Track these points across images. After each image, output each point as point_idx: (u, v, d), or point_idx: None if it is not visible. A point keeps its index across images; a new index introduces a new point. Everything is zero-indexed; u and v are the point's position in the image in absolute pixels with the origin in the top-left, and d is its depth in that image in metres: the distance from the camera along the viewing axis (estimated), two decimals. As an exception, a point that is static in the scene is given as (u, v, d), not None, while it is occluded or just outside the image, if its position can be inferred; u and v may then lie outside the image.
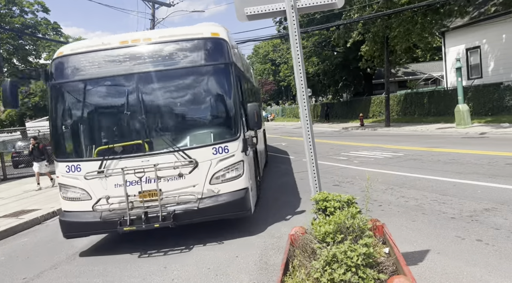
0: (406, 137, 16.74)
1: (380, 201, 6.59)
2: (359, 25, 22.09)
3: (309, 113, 3.52)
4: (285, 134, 26.93)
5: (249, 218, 6.49)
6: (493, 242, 4.38)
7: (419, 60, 45.02)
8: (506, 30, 20.57)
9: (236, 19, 3.36)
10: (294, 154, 14.41)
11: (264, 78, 73.94)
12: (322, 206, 2.90)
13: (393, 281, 1.92)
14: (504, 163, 8.65)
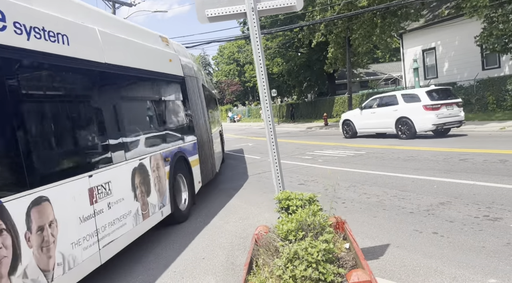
0: (368, 136, 17.25)
1: (344, 198, 6.77)
2: (322, 27, 22.56)
3: (271, 114, 3.57)
4: (251, 134, 27.04)
5: (214, 220, 6.48)
6: (448, 234, 4.62)
7: (379, 61, 46.59)
8: (459, 32, 21.69)
9: (197, 21, 3.36)
10: (260, 154, 14.51)
11: (229, 79, 73.85)
12: (285, 205, 2.96)
13: (352, 274, 1.99)
14: (458, 159, 9.12)
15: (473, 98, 19.57)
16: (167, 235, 5.98)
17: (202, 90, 8.90)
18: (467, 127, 15.45)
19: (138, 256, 5.20)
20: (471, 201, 5.76)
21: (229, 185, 9.41)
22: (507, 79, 17.80)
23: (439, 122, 13.34)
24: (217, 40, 32.85)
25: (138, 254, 5.26)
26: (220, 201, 7.88)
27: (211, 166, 8.60)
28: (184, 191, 6.95)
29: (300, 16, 28.05)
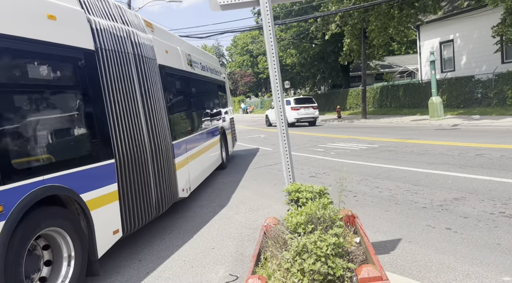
0: (382, 129, 17.05)
1: (355, 192, 6.70)
2: (337, 18, 22.22)
3: (283, 105, 3.51)
4: (263, 126, 26.97)
5: (224, 210, 6.50)
6: (461, 230, 4.52)
7: (394, 53, 45.79)
8: (478, 24, 21.12)
9: (209, 8, 3.31)
10: (272, 146, 14.46)
11: (243, 70, 73.64)
12: (295, 197, 2.92)
13: (362, 269, 1.95)
14: (474, 154, 8.93)
15: (491, 92, 19.12)
16: (178, 224, 6.01)
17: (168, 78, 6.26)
18: (483, 122, 15.13)
19: (150, 244, 5.24)
20: (486, 197, 5.63)
21: (240, 176, 9.40)
22: (528, 73, 17.32)
23: (298, 117, 23.00)
24: (231, 30, 32.82)
25: (149, 243, 5.30)
26: (230, 192, 7.88)
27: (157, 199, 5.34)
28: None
29: (315, 7, 27.68)
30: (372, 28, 20.35)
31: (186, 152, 6.76)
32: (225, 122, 11.35)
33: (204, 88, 9.27)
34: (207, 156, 8.56)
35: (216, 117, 10.12)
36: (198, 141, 7.73)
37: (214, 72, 10.61)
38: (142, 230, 5.81)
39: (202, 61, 9.09)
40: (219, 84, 11.30)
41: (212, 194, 7.82)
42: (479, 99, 19.91)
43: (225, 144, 10.94)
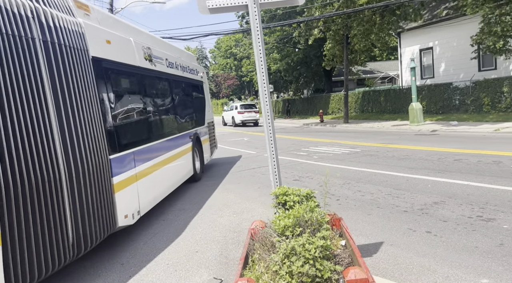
0: (364, 134, 17.31)
1: (338, 195, 6.78)
2: (320, 23, 22.48)
3: (270, 109, 3.54)
4: (247, 129, 26.99)
5: (208, 213, 6.47)
6: (441, 233, 4.64)
7: (376, 59, 46.61)
8: (456, 33, 21.74)
9: (198, 11, 3.31)
10: (255, 149, 14.49)
11: (226, 73, 73.62)
12: (282, 200, 2.94)
13: (349, 272, 1.99)
14: (452, 159, 9.16)
15: (469, 99, 19.67)
16: (161, 228, 5.96)
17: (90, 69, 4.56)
18: (461, 128, 15.55)
19: (132, 247, 5.17)
20: (464, 201, 5.79)
21: (224, 179, 9.39)
22: (503, 81, 17.89)
23: (243, 119, 29.89)
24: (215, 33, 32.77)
25: (131, 246, 5.23)
26: (214, 195, 7.86)
27: (77, 236, 4.00)
28: None
29: (299, 12, 27.93)
30: (354, 33, 20.67)
31: (135, 167, 5.39)
32: (201, 127, 10.08)
33: (171, 89, 7.91)
34: (171, 169, 7.18)
35: (188, 122, 8.90)
36: (155, 152, 6.35)
37: (188, 70, 9.45)
38: (124, 234, 5.73)
39: (169, 57, 7.88)
40: (195, 84, 10.16)
41: (195, 197, 7.78)
42: (457, 105, 20.45)
43: (200, 152, 9.66)
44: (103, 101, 4.74)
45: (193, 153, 8.87)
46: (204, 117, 10.59)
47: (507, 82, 17.68)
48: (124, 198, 5.01)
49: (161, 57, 7.31)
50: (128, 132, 5.52)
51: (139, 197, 5.47)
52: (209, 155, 10.87)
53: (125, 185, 5.06)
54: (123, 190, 4.98)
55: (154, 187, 6.16)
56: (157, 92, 7.10)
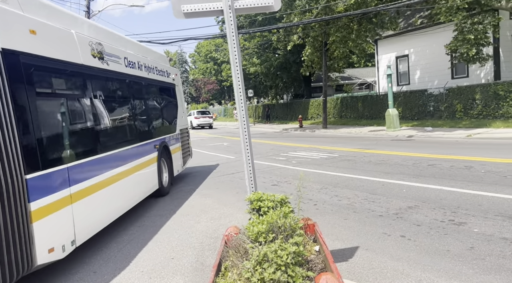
0: (341, 139, 17.52)
1: (316, 200, 6.82)
2: (299, 30, 22.73)
3: (246, 113, 3.53)
4: (226, 134, 26.94)
5: (184, 219, 6.40)
6: (415, 237, 4.72)
7: (354, 66, 47.42)
8: (430, 41, 22.38)
9: (173, 15, 3.29)
10: (234, 154, 14.45)
11: (206, 77, 73.39)
12: (256, 206, 2.93)
13: (320, 278, 1.99)
14: (426, 164, 9.37)
15: (443, 106, 20.21)
16: (136, 234, 5.85)
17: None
18: (435, 134, 15.94)
19: (105, 254, 5.05)
20: (437, 206, 5.92)
21: (202, 184, 9.32)
22: (475, 88, 18.48)
23: (199, 123, 35.93)
24: (194, 37, 32.67)
25: (105, 253, 5.11)
26: (191, 200, 7.78)
27: None
28: None
29: (278, 19, 28.18)
30: (333, 39, 20.97)
31: (69, 187, 4.46)
32: (171, 134, 9.18)
33: (130, 92, 6.95)
34: (127, 184, 6.15)
35: (153, 129, 7.94)
36: (103, 166, 5.36)
37: (156, 71, 8.55)
38: (97, 240, 5.60)
39: (130, 56, 6.99)
40: (165, 88, 9.26)
41: (172, 203, 7.68)
42: (431, 112, 20.98)
43: (169, 162, 8.73)
44: (19, 106, 3.72)
45: (159, 164, 7.90)
46: (175, 124, 9.69)
47: (479, 90, 18.27)
48: (49, 227, 4.03)
49: (118, 55, 6.42)
50: (59, 144, 4.47)
51: (74, 224, 4.50)
52: (181, 165, 9.91)
53: (51, 210, 4.08)
54: (47, 217, 3.99)
55: (99, 209, 5.19)
56: (110, 95, 6.12)
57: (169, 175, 8.71)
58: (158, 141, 8.07)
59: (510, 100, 16.95)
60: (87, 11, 21.47)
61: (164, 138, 8.53)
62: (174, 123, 9.60)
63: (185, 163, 10.46)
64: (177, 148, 9.58)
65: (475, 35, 15.83)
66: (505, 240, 4.37)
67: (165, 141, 8.59)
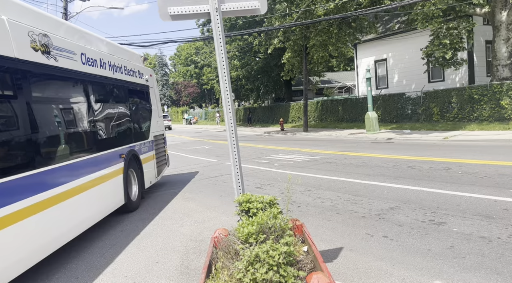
0: (322, 142, 17.71)
1: (299, 202, 6.88)
2: (280, 33, 22.91)
3: (234, 116, 3.55)
4: (208, 137, 26.82)
5: (168, 223, 6.34)
6: (397, 238, 4.82)
7: (334, 70, 48.06)
8: (408, 46, 22.94)
9: (159, 18, 3.27)
10: (216, 157, 14.41)
11: (186, 81, 72.98)
12: (245, 208, 2.94)
13: (312, 277, 2.01)
14: (406, 166, 9.58)
15: (420, 109, 20.70)
16: (119, 239, 5.76)
17: None
18: (414, 136, 16.31)
19: (88, 260, 4.95)
20: (418, 206, 6.06)
21: (185, 188, 9.25)
22: (451, 92, 19.02)
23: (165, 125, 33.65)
24: (175, 40, 32.40)
25: (87, 259, 5.01)
26: (174, 204, 7.72)
27: None
28: None
29: (259, 22, 28.33)
30: (313, 42, 21.22)
31: None
32: (143, 141, 8.28)
33: (88, 93, 6.00)
34: (77, 204, 5.17)
35: (118, 136, 7.04)
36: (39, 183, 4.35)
37: (126, 71, 7.70)
38: (79, 245, 5.49)
39: (90, 52, 6.08)
40: (136, 89, 8.35)
41: (155, 207, 7.60)
42: (409, 114, 21.46)
43: (139, 173, 7.81)
44: None
45: (126, 176, 6.97)
46: (149, 129, 8.78)
47: (454, 93, 18.81)
48: None
49: (72, 50, 5.53)
50: None
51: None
52: (155, 175, 8.92)
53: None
54: None
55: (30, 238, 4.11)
56: (57, 97, 5.26)
57: (138, 187, 7.74)
58: (125, 150, 7.17)
59: (484, 103, 17.52)
60: (64, 12, 21.05)
61: (133, 146, 7.64)
62: (146, 128, 8.70)
63: (161, 173, 9.52)
64: (149, 157, 8.61)
65: (451, 40, 16.36)
66: (483, 239, 4.51)
67: (134, 150, 7.68)
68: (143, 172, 8.04)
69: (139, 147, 8.04)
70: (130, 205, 7.23)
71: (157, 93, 9.98)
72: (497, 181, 7.19)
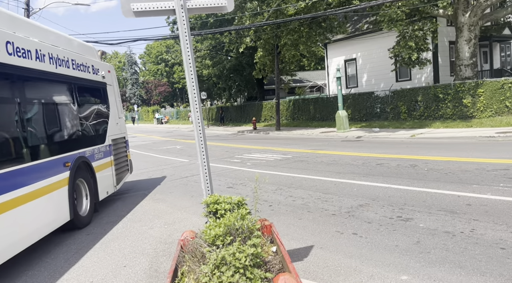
0: (294, 140, 17.84)
1: (271, 201, 6.87)
2: (251, 32, 22.90)
3: (201, 115, 3.48)
4: (179, 137, 26.48)
5: (137, 225, 6.19)
6: (366, 234, 4.89)
7: (305, 69, 48.54)
8: (376, 45, 23.46)
9: (122, 14, 3.16)
10: (188, 157, 14.23)
11: (157, 79, 71.82)
12: (213, 209, 2.89)
13: (279, 278, 1.99)
14: (375, 163, 9.77)
15: (388, 107, 21.22)
16: (85, 243, 5.56)
17: None
18: (382, 134, 16.69)
19: (51, 266, 4.75)
20: (386, 203, 6.18)
21: (155, 189, 9.07)
22: (418, 91, 19.60)
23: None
24: (144, 38, 31.83)
25: (50, 264, 4.81)
26: (144, 206, 7.55)
27: None
28: None
29: (230, 21, 28.21)
30: (284, 42, 21.33)
31: None
32: (96, 146, 7.26)
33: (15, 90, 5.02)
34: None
35: (60, 142, 5.99)
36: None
37: (74, 65, 6.69)
38: (41, 250, 5.27)
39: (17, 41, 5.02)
40: (89, 86, 7.42)
41: (123, 209, 7.41)
42: (378, 113, 21.96)
43: (91, 184, 6.81)
44: None
45: (71, 188, 5.96)
46: (105, 132, 7.81)
47: (421, 92, 19.40)
48: None
49: None
50: None
51: None
52: (113, 184, 7.90)
53: None
54: None
55: None
56: None
57: (91, 200, 6.76)
58: (72, 157, 6.14)
59: (448, 102, 18.15)
60: (26, 8, 20.20)
61: (83, 152, 6.62)
62: (102, 131, 7.72)
63: (121, 180, 8.49)
64: (106, 164, 7.61)
65: (416, 41, 16.85)
66: (448, 234, 4.65)
67: (85, 156, 6.68)
68: (96, 182, 7.01)
69: (92, 153, 7.02)
70: (79, 221, 6.22)
71: (117, 91, 9.00)
72: (461, 177, 7.44)
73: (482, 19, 17.71)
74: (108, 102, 8.22)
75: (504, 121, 15.70)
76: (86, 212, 6.57)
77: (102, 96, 8.02)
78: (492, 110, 16.97)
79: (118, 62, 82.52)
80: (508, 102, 16.62)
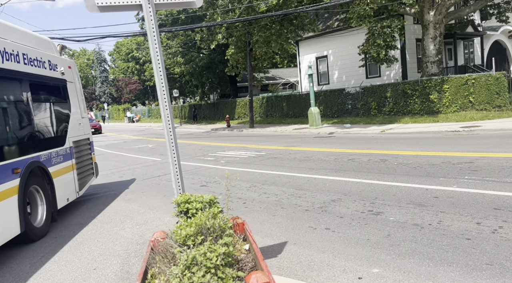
0: (268, 137, 17.89)
1: (245, 199, 6.86)
2: (223, 29, 22.75)
3: (170, 113, 3.41)
4: (151, 135, 26.05)
5: (108, 226, 6.04)
6: (338, 229, 4.96)
7: (278, 66, 48.78)
8: (347, 43, 23.82)
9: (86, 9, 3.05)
10: (160, 156, 14.01)
11: (127, 77, 70.29)
12: (184, 209, 2.84)
13: (251, 277, 1.97)
14: (347, 159, 9.93)
15: (359, 104, 21.61)
16: (52, 246, 5.37)
17: None
18: (353, 130, 16.99)
19: (16, 271, 4.56)
20: (358, 198, 6.29)
21: (126, 189, 8.88)
22: (387, 87, 20.05)
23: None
24: (113, 35, 31.05)
25: (15, 269, 4.61)
26: (115, 206, 7.37)
27: None
28: None
29: (202, 17, 27.90)
30: (256, 39, 21.32)
31: None
32: (54, 149, 6.65)
33: None
34: None
35: (8, 146, 5.33)
36: None
37: (26, 60, 6.07)
38: (4, 255, 5.05)
39: None
40: (45, 83, 6.78)
41: (93, 210, 7.21)
42: (349, 109, 22.34)
43: (47, 191, 6.24)
44: None
45: (22, 197, 5.33)
46: (65, 134, 7.23)
47: (390, 88, 19.86)
48: None
49: None
50: None
51: None
52: (75, 190, 7.33)
53: None
54: None
55: None
56: None
57: (47, 209, 6.16)
58: (23, 162, 5.53)
59: (415, 98, 18.67)
60: (-13, 2, 19.25)
61: (37, 156, 6.02)
62: (61, 132, 7.11)
63: (85, 185, 7.91)
64: (66, 168, 7.01)
65: (384, 39, 17.23)
66: (417, 226, 4.77)
67: (39, 161, 6.07)
68: (54, 189, 6.41)
69: (49, 157, 6.38)
70: (32, 233, 5.61)
71: (80, 89, 8.39)
72: (428, 171, 7.67)
73: (446, 17, 18.30)
74: (68, 101, 7.62)
75: (468, 116, 16.31)
76: (41, 223, 5.97)
77: (62, 94, 7.38)
78: (457, 105, 17.59)
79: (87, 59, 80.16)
80: (472, 97, 17.26)
